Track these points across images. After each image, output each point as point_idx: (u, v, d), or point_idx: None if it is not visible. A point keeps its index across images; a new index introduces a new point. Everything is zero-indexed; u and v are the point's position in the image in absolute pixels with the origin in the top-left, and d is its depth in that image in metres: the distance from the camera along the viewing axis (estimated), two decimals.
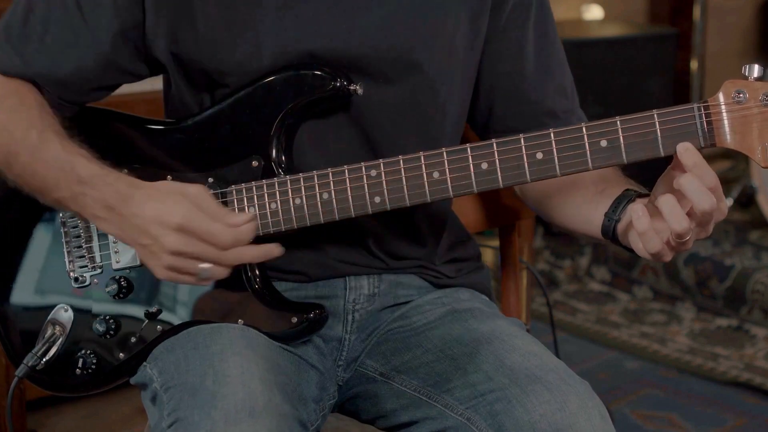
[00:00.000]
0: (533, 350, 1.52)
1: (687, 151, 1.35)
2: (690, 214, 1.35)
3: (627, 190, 1.48)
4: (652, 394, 3.15)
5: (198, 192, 1.40)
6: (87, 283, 1.57)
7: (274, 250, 1.43)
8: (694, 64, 4.41)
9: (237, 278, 1.52)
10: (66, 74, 1.54)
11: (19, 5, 1.55)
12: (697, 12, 4.35)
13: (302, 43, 1.51)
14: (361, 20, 1.52)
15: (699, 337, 3.50)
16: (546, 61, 1.63)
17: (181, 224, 1.37)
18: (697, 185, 1.34)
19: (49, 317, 1.58)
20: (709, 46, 4.49)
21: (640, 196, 1.46)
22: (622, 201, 1.46)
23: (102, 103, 1.62)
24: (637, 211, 1.37)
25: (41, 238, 1.60)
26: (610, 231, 1.46)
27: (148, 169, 1.54)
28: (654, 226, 1.37)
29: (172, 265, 1.39)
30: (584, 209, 1.53)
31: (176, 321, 1.54)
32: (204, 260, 1.38)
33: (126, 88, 2.51)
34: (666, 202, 1.35)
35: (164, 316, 1.55)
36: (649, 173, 1.44)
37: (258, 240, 1.51)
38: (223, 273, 1.41)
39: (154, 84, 1.72)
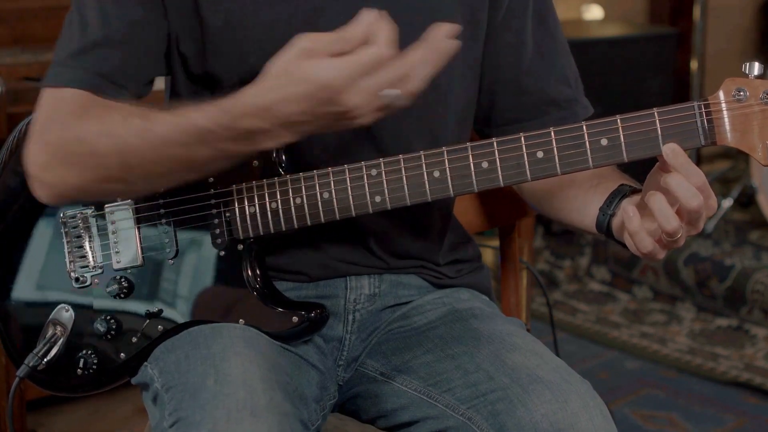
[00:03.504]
0: (534, 350, 1.52)
1: (673, 153, 1.35)
2: (679, 212, 1.35)
3: (622, 185, 1.48)
4: (652, 394, 3.16)
5: (302, 47, 1.29)
6: (88, 283, 1.57)
7: (445, 31, 1.31)
8: (694, 64, 4.41)
9: (238, 277, 1.52)
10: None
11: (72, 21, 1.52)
12: (697, 12, 4.35)
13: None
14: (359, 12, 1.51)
15: (699, 337, 3.50)
16: (546, 51, 1.64)
17: (331, 88, 1.27)
18: (685, 185, 1.34)
19: (50, 317, 1.58)
20: (709, 46, 4.50)
21: (635, 191, 1.46)
22: (617, 196, 1.46)
23: None
24: (628, 211, 1.37)
25: (42, 238, 1.60)
26: (604, 226, 1.47)
27: None
28: (645, 226, 1.37)
29: (372, 113, 1.31)
30: (579, 204, 1.53)
31: (177, 321, 1.54)
32: (388, 84, 1.28)
33: None
34: (656, 201, 1.35)
35: (165, 315, 1.54)
36: (649, 167, 1.44)
37: (259, 240, 1.52)
38: (409, 89, 1.29)
39: (157, 83, 1.72)
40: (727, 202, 3.97)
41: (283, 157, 1.50)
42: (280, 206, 1.49)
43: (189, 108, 1.37)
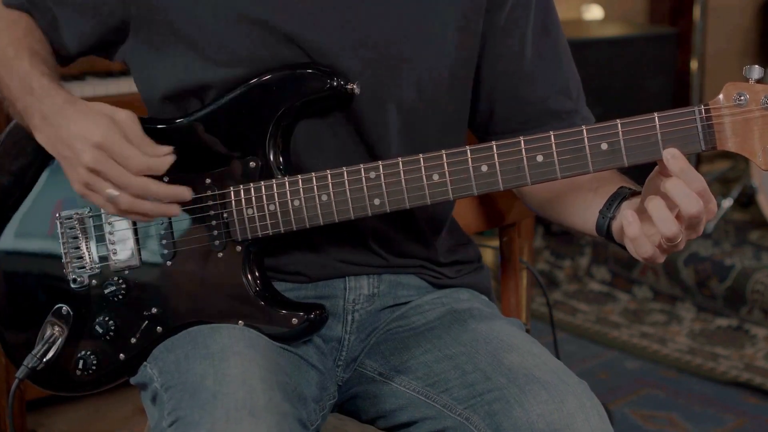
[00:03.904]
0: (532, 350, 1.52)
1: (674, 158, 1.34)
2: (678, 217, 1.35)
3: (621, 187, 1.48)
4: (652, 394, 3.16)
5: (126, 117, 1.44)
6: (85, 283, 1.57)
7: (184, 192, 1.46)
8: (694, 64, 4.41)
9: (237, 279, 1.52)
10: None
11: None
12: (697, 12, 4.35)
13: (293, 38, 1.51)
14: (350, 15, 1.51)
15: (699, 337, 3.50)
16: (548, 61, 1.62)
17: (100, 142, 1.41)
18: (685, 190, 1.33)
19: (48, 318, 1.58)
20: (709, 46, 4.50)
21: (635, 194, 1.46)
22: (616, 199, 1.46)
23: None
24: (627, 216, 1.37)
25: (39, 238, 1.60)
26: (604, 228, 1.46)
27: None
28: (644, 231, 1.37)
29: (87, 181, 1.44)
30: (580, 208, 1.53)
31: (176, 321, 1.54)
32: (114, 183, 1.42)
33: (125, 88, 2.50)
34: (655, 206, 1.35)
35: (163, 317, 1.54)
36: (647, 170, 1.44)
37: (259, 241, 1.52)
38: (126, 202, 1.43)
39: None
40: (727, 202, 3.97)
41: (281, 159, 1.51)
42: (278, 208, 1.49)
43: (39, 70, 1.52)
